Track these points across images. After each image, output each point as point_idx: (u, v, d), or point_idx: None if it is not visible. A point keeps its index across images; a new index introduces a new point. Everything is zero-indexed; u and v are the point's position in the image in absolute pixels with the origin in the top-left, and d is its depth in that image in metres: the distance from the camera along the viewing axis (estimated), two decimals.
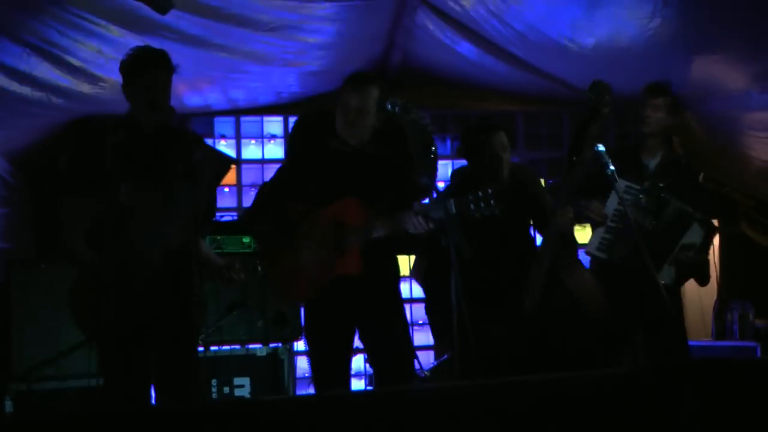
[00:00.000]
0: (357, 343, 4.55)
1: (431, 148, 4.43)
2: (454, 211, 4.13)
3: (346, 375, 4.41)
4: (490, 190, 4.12)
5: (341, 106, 4.36)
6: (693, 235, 5.09)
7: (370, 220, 4.21)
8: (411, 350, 4.41)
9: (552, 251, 4.81)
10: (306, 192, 4.36)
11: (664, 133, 5.38)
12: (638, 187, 5.04)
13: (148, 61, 4.17)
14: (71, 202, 4.18)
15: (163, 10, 4.26)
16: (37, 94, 5.68)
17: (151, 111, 4.13)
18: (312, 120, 4.52)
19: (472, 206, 4.10)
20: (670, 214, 5.07)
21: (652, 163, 5.29)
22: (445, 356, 5.81)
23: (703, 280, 5.36)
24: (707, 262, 5.32)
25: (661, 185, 5.09)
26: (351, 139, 4.38)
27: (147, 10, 4.59)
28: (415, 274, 5.78)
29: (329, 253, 4.24)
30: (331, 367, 4.35)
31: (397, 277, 4.47)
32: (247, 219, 4.75)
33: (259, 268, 5.07)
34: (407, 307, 5.84)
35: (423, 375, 5.36)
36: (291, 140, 6.57)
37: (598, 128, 4.84)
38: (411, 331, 4.73)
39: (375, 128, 4.39)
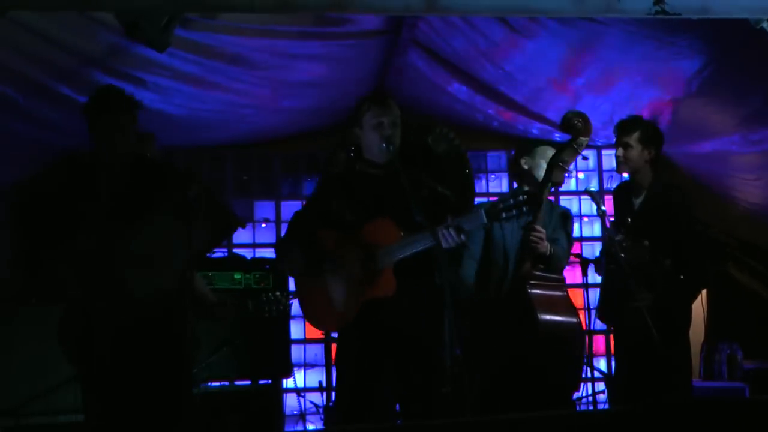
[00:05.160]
0: None
1: (464, 164, 4.43)
2: (485, 221, 4.02)
3: (372, 408, 4.22)
4: (522, 196, 3.99)
5: (374, 127, 4.28)
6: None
7: (402, 238, 4.13)
8: (442, 380, 4.28)
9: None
10: (337, 219, 4.32)
11: (647, 168, 5.31)
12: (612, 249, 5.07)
13: (106, 103, 4.18)
14: (54, 251, 4.19)
15: (160, 48, 4.28)
16: (27, 126, 5.70)
17: (113, 152, 4.16)
18: (340, 151, 4.50)
19: (504, 214, 3.99)
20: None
21: (638, 201, 5.33)
22: None
23: None
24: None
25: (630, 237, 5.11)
26: (382, 158, 4.31)
27: (143, 48, 4.63)
28: None
29: (361, 276, 4.18)
30: (357, 398, 4.22)
31: (435, 297, 4.20)
32: (279, 248, 4.68)
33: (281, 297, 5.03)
34: None
35: None
36: (322, 174, 6.62)
37: (569, 154, 4.93)
38: None
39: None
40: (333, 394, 4.91)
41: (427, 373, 4.17)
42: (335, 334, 4.78)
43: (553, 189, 5.28)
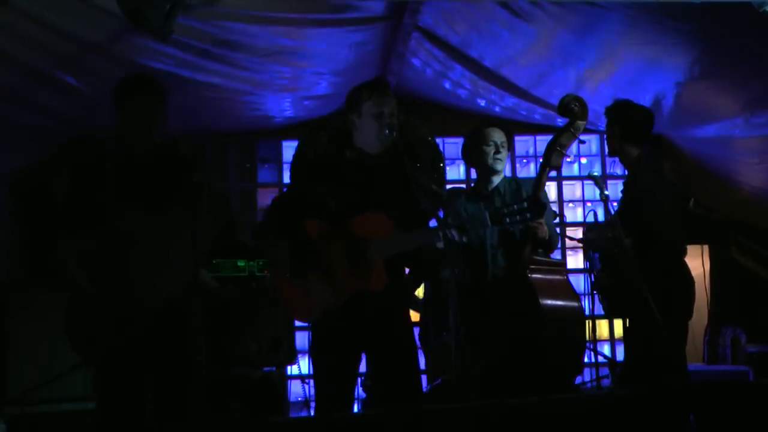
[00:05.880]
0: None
1: (440, 163, 4.40)
2: (489, 225, 4.05)
3: (351, 398, 4.33)
4: (525, 203, 4.02)
5: (374, 116, 4.28)
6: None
7: (396, 233, 4.13)
8: (418, 370, 4.34)
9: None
10: (324, 207, 4.29)
11: (627, 148, 5.34)
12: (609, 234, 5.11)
13: (135, 85, 4.18)
14: (68, 235, 4.17)
15: (163, 38, 4.28)
16: (29, 115, 5.72)
17: (139, 135, 4.15)
18: (322, 134, 4.47)
19: (507, 219, 4.01)
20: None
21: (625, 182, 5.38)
22: (439, 381, 5.84)
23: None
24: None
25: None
26: (376, 148, 4.32)
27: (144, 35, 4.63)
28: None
29: (349, 269, 4.16)
30: (337, 388, 4.25)
31: (405, 295, 4.33)
32: (258, 234, 4.64)
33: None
34: None
35: None
36: (300, 155, 6.59)
37: (567, 138, 4.94)
38: None
39: None
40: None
41: (409, 365, 4.24)
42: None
43: (555, 174, 5.29)
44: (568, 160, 7.62)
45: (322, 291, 4.21)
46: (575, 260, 7.53)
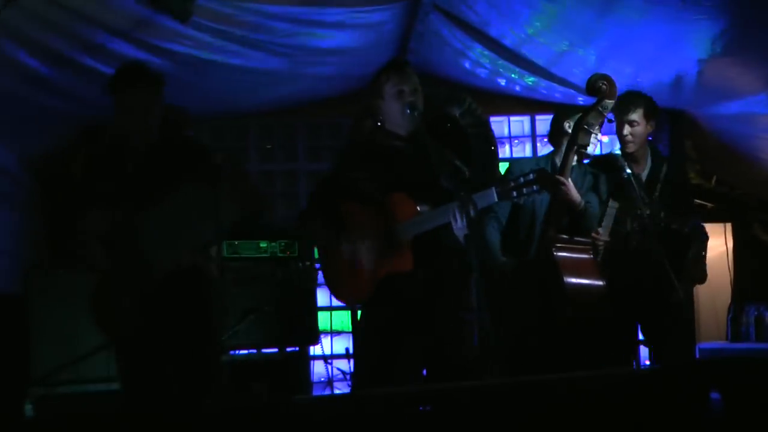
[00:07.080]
0: None
1: (489, 140, 4.40)
2: (496, 200, 3.99)
3: (390, 378, 4.30)
4: (532, 175, 3.94)
5: (395, 96, 4.29)
6: (697, 249, 5.19)
7: (418, 214, 4.14)
8: (464, 351, 4.28)
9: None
10: (357, 189, 4.32)
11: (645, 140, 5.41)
12: (638, 211, 5.07)
13: (127, 79, 4.19)
14: (89, 213, 4.21)
15: (184, 18, 4.29)
16: (54, 99, 5.74)
17: (137, 128, 4.17)
18: (368, 120, 4.48)
19: (514, 193, 3.95)
20: (672, 235, 5.14)
21: (643, 174, 5.33)
22: None
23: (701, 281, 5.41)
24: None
25: (651, 202, 5.12)
26: (405, 128, 4.32)
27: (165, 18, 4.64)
28: None
29: (379, 251, 4.18)
30: (377, 369, 4.24)
31: (455, 267, 4.21)
32: (301, 218, 4.70)
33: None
34: None
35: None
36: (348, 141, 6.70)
37: (594, 117, 4.93)
38: None
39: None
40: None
41: (454, 345, 4.18)
42: None
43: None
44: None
45: (358, 274, 4.24)
46: None
